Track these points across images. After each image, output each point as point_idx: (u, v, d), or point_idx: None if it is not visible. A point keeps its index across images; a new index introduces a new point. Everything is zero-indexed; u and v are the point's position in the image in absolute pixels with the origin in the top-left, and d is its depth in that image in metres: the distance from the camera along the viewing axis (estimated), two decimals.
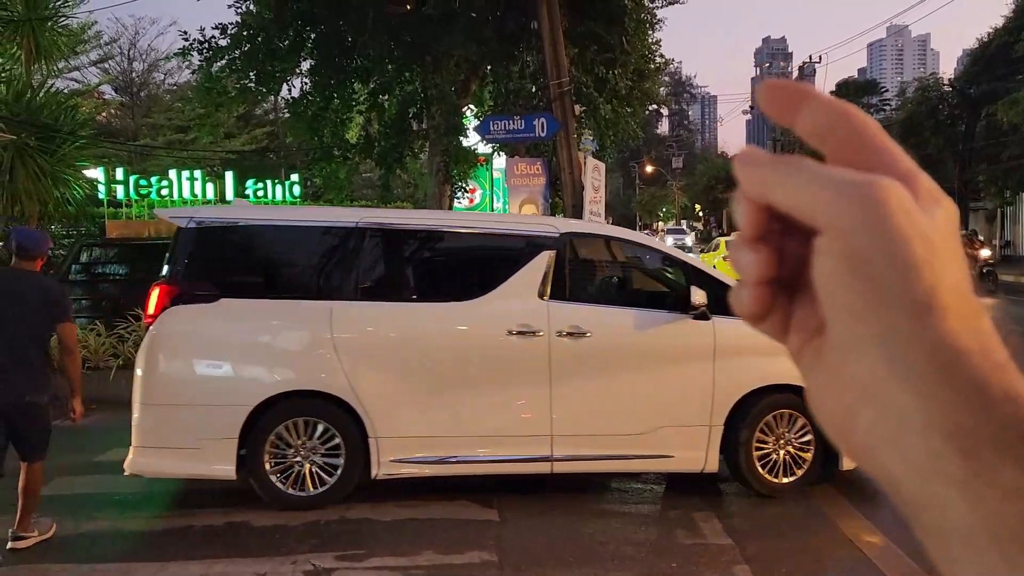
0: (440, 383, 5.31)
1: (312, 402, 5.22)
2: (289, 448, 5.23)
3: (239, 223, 5.53)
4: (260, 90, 12.27)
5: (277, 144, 34.55)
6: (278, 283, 5.65)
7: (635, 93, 12.66)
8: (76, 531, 5.21)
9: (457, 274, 5.81)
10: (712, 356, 5.38)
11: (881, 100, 58.66)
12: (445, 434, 5.29)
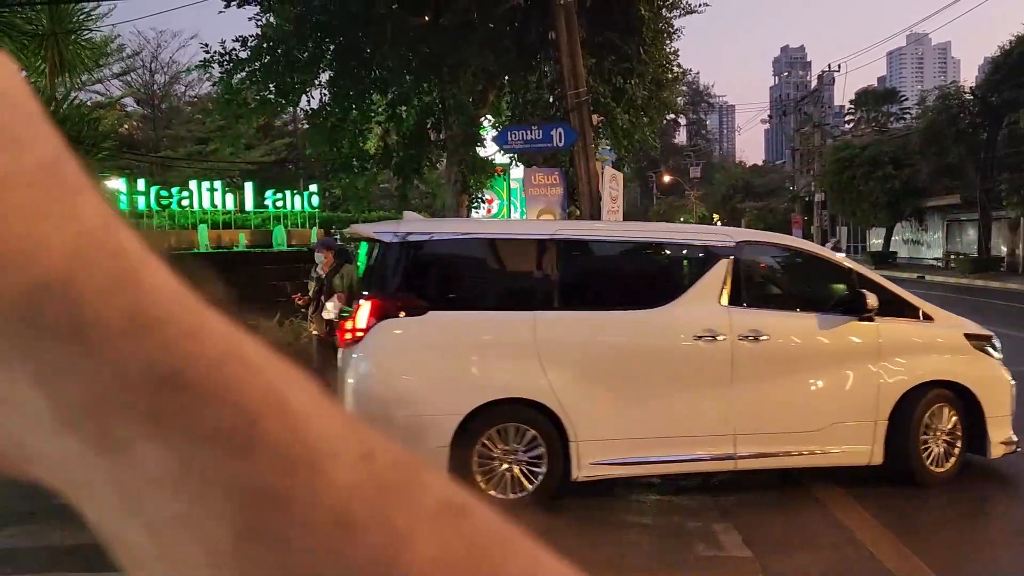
0: (633, 387, 5.57)
1: (516, 408, 5.41)
2: (494, 454, 5.36)
3: (441, 237, 5.77)
4: (280, 102, 12.35)
5: (296, 155, 34.83)
6: (480, 295, 5.83)
7: (652, 103, 12.64)
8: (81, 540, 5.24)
9: (644, 282, 6.09)
10: (877, 355, 5.82)
11: (901, 109, 58.31)
12: (639, 436, 5.53)
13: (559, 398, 5.32)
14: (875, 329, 5.76)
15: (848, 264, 6.27)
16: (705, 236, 6.23)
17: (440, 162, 14.31)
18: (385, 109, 12.62)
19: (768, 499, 5.98)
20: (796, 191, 56.51)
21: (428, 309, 5.33)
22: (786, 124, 73.84)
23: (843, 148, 43.72)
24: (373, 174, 13.83)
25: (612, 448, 5.50)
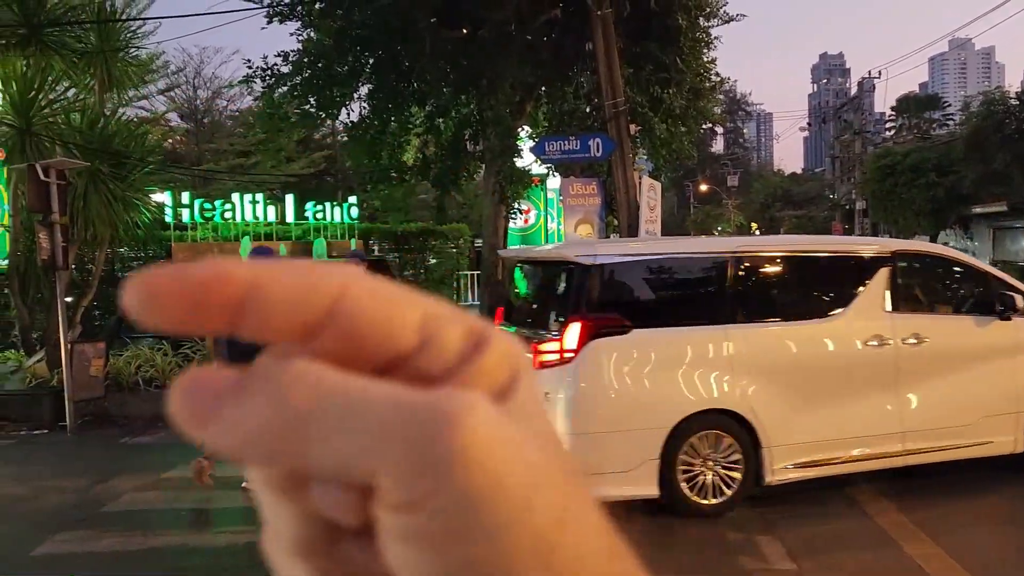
0: (813, 393, 5.89)
1: (713, 418, 5.72)
2: (695, 462, 5.65)
3: (635, 258, 6.09)
4: (320, 115, 12.54)
5: (334, 167, 35.23)
6: (673, 311, 6.08)
7: (690, 112, 12.58)
8: (146, 545, 5.35)
9: (816, 293, 6.49)
10: (1019, 350, 6.35)
11: (944, 115, 57.25)
12: (821, 439, 5.87)
13: (751, 406, 5.70)
14: (1014, 327, 6.26)
15: (989, 269, 6.89)
16: (865, 247, 6.62)
17: (478, 173, 14.39)
18: (423, 121, 12.73)
19: (812, 511, 5.90)
20: (836, 199, 55.69)
21: (631, 328, 5.61)
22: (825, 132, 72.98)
23: (884, 155, 43.00)
24: (411, 185, 13.95)
25: (798, 452, 5.85)
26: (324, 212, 14.20)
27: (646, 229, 10.47)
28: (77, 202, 9.43)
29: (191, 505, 6.20)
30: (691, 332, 5.84)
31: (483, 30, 10.84)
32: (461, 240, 16.00)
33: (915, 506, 5.91)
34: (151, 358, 9.70)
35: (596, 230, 10.70)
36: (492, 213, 12.96)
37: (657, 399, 5.57)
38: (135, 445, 8.30)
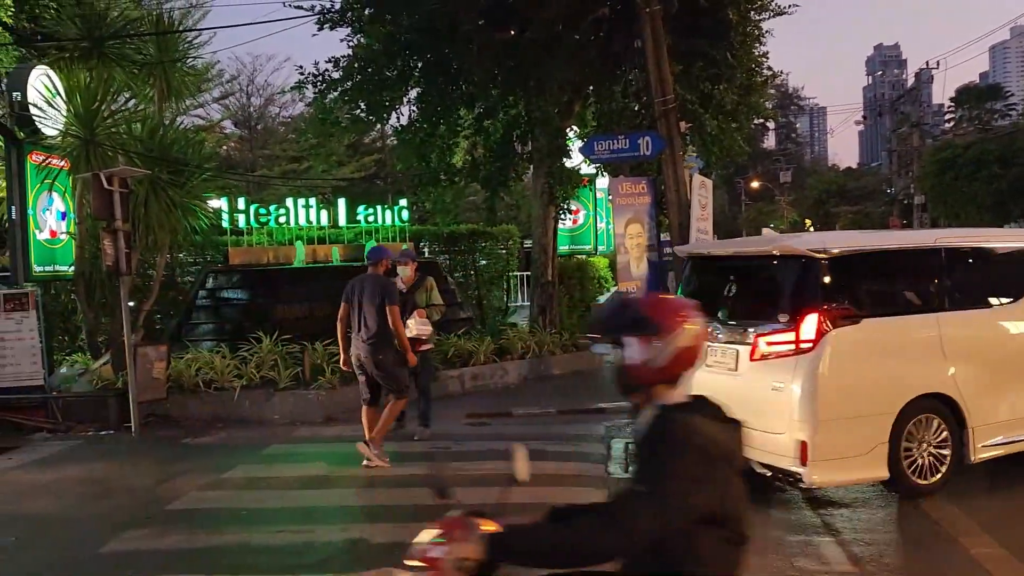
0: (1010, 373, 6.35)
1: (929, 401, 6.02)
2: (912, 444, 5.91)
3: (861, 249, 6.37)
4: (370, 119, 12.67)
5: (384, 171, 35.60)
6: (892, 300, 6.54)
7: (741, 108, 12.37)
8: (208, 544, 5.48)
9: (1006, 280, 6.87)
10: None
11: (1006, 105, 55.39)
12: (1015, 416, 6.29)
13: (959, 389, 6.05)
14: None
15: None
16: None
17: (526, 174, 14.38)
18: (472, 123, 12.77)
19: (872, 515, 5.77)
20: (893, 194, 54.31)
21: (862, 317, 5.92)
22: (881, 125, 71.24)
23: (944, 148, 41.87)
24: (461, 187, 14.00)
25: (996, 430, 6.20)
26: (375, 215, 14.35)
27: (698, 227, 10.34)
28: (139, 209, 9.69)
29: (252, 505, 6.33)
30: (910, 320, 6.21)
31: (530, 31, 10.84)
32: (511, 241, 16.01)
33: (979, 507, 5.74)
34: (210, 361, 9.93)
35: (647, 229, 10.61)
36: (541, 214, 12.94)
37: (886, 385, 5.88)
38: (196, 445, 8.51)
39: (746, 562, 2.18)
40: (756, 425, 5.38)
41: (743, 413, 2.52)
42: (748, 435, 2.45)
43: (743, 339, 6.16)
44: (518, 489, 6.67)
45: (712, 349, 6.33)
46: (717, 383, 5.44)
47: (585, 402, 9.89)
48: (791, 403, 5.70)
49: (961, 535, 5.20)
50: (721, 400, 2.35)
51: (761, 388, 5.90)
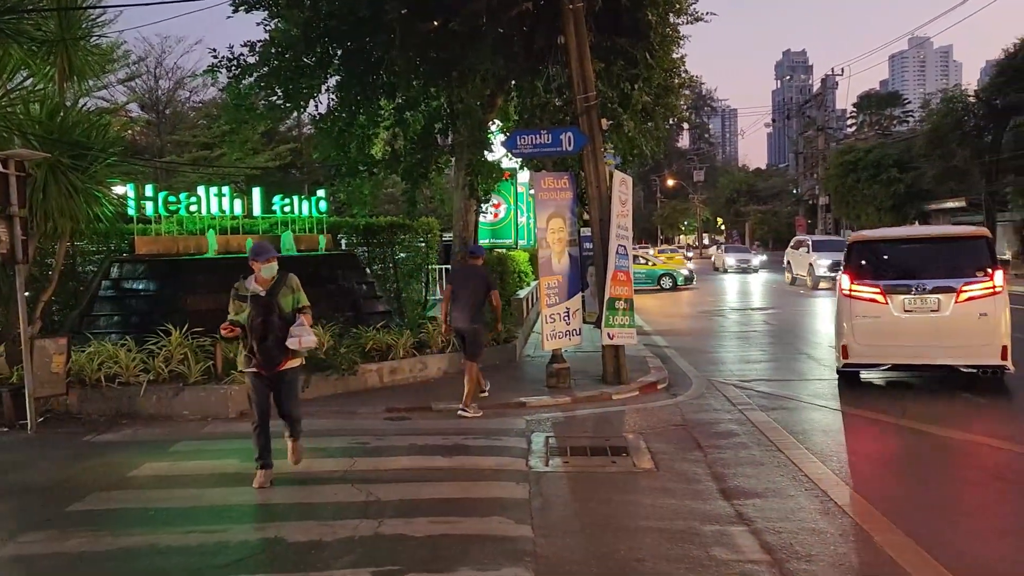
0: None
1: None
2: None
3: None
4: (288, 106, 12.31)
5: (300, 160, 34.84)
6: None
7: (658, 109, 12.59)
8: (113, 546, 5.23)
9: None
10: None
11: (904, 112, 58.26)
12: None
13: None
14: None
15: None
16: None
17: (448, 167, 14.28)
18: (393, 114, 12.59)
19: (783, 503, 5.96)
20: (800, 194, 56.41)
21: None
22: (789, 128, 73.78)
23: (847, 151, 43.73)
24: (379, 179, 13.79)
25: None
26: (292, 206, 14.02)
27: (618, 223, 10.48)
28: (36, 194, 9.18)
29: (160, 504, 6.08)
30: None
31: (454, 22, 10.74)
32: (431, 234, 15.90)
33: (884, 496, 6.00)
34: (114, 354, 9.50)
35: (568, 224, 10.69)
36: (462, 207, 12.88)
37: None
38: (99, 443, 8.13)
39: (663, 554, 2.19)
40: (962, 342, 9.67)
41: (949, 339, 9.39)
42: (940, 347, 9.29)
43: (947, 290, 9.73)
44: (439, 484, 6.62)
45: (910, 300, 9.89)
46: (921, 321, 9.81)
47: (506, 397, 9.90)
48: (997, 324, 9.55)
49: (866, 522, 5.41)
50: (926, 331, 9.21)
51: (968, 318, 9.62)
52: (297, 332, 6.29)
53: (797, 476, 6.57)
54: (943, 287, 9.76)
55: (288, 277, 6.51)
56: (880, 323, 10.03)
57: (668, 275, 31.98)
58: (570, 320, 10.59)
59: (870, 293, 10.16)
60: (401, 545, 5.14)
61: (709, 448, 7.57)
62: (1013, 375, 9.86)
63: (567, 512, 5.85)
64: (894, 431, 8.09)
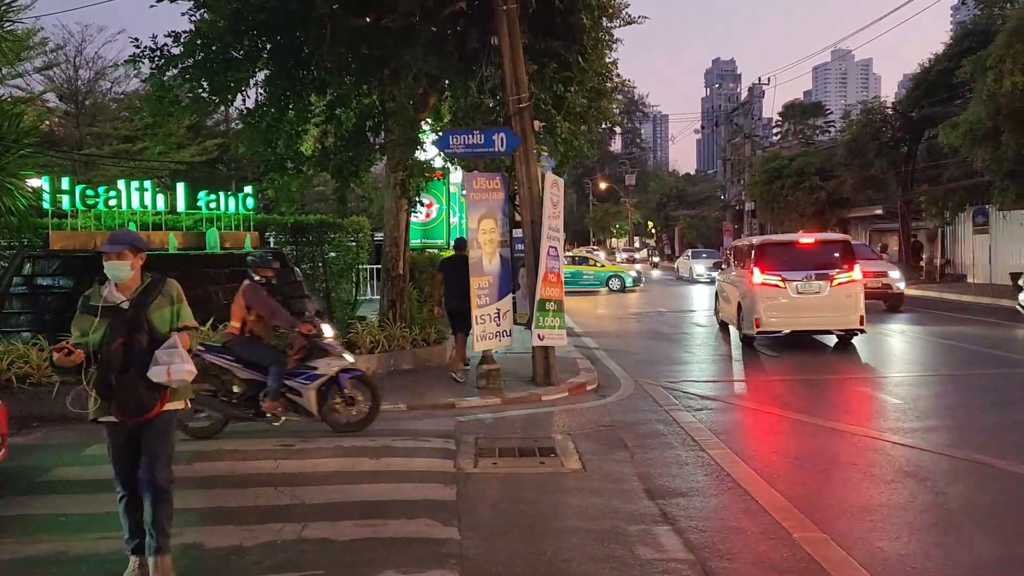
0: None
1: None
2: None
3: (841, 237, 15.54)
4: (214, 100, 11.95)
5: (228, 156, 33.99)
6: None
7: (591, 112, 12.68)
8: (20, 554, 5.00)
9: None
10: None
11: (826, 122, 60.21)
12: None
13: None
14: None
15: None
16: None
17: (378, 165, 14.11)
18: (323, 110, 12.37)
19: (706, 502, 6.07)
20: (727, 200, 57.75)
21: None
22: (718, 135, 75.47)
23: (772, 159, 44.92)
24: (308, 176, 13.53)
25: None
26: (217, 202, 13.65)
27: (549, 225, 10.53)
28: None
29: (71, 510, 5.83)
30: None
31: (387, 19, 10.62)
32: (361, 233, 15.69)
33: (802, 495, 6.17)
34: (25, 354, 9.09)
35: (499, 225, 10.69)
36: (393, 206, 12.73)
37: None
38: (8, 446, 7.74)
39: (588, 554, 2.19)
40: (836, 314, 13.84)
41: (828, 312, 13.84)
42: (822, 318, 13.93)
43: (827, 278, 13.88)
44: (365, 486, 6.53)
45: (802, 285, 13.88)
46: (809, 299, 13.84)
47: (435, 398, 9.84)
48: (858, 301, 13.86)
49: (786, 521, 5.55)
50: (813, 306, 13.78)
51: (840, 297, 13.85)
52: (165, 358, 4.39)
53: (721, 475, 6.71)
54: (823, 275, 13.95)
55: (166, 284, 4.70)
56: (781, 302, 13.96)
57: (616, 276, 32.39)
58: (501, 321, 10.59)
59: (774, 280, 14.03)
60: (325, 549, 5.05)
61: (636, 448, 7.67)
62: (920, 380, 10.31)
63: (494, 513, 5.83)
64: (814, 431, 8.33)
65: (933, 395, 10.31)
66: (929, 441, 7.76)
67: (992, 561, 4.91)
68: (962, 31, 31.08)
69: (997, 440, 7.89)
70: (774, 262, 14.23)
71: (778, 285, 13.92)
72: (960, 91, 25.08)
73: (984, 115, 18.32)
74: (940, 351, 14.34)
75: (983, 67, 18.44)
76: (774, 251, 14.61)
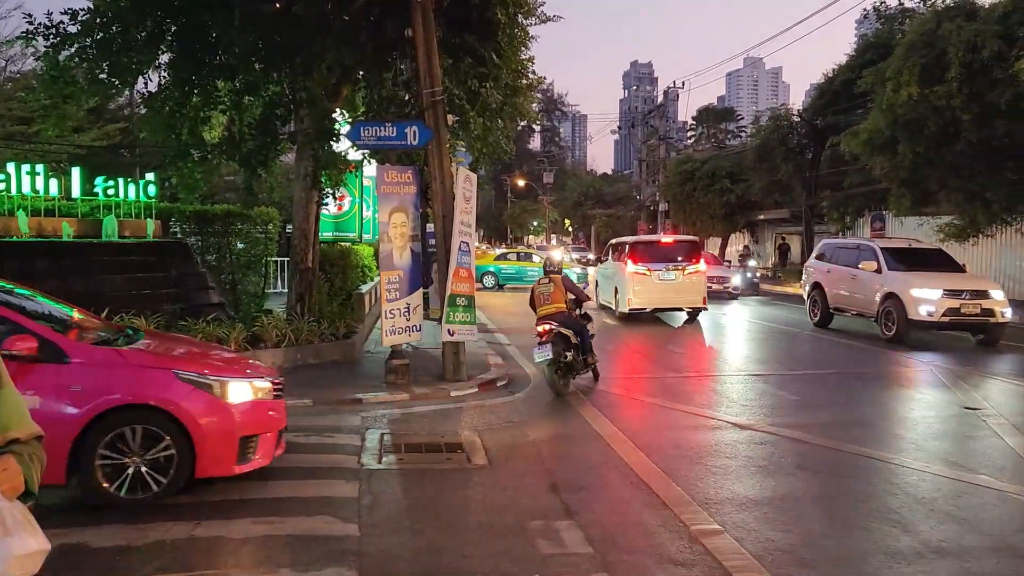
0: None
1: None
2: None
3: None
4: (113, 82, 11.43)
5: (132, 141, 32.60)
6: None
7: (506, 108, 12.70)
8: None
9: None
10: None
11: (738, 127, 62.09)
12: None
13: None
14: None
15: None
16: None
17: (289, 155, 13.78)
18: (231, 97, 11.99)
19: (611, 497, 6.15)
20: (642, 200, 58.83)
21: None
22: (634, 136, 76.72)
23: (685, 161, 45.97)
24: (214, 164, 13.10)
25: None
26: (116, 188, 13.08)
27: (461, 220, 10.49)
28: None
29: None
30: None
31: (299, 6, 10.35)
32: (270, 224, 15.29)
33: (701, 489, 6.32)
34: None
35: (411, 219, 10.59)
36: (303, 197, 12.45)
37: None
38: None
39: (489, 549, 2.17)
40: (687, 295, 18.07)
41: (680, 293, 18.07)
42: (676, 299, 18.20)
43: (680, 269, 17.95)
44: (265, 483, 6.34)
45: (662, 273, 17.91)
46: (668, 284, 17.99)
47: (342, 393, 9.68)
48: (702, 286, 18.30)
49: (684, 514, 5.67)
50: (671, 287, 17.99)
51: (690, 283, 18.04)
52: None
53: (624, 470, 6.81)
54: (678, 267, 18.13)
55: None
56: (647, 287, 18.03)
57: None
58: (410, 316, 10.50)
59: (642, 269, 18.10)
60: (217, 548, 4.89)
61: (542, 444, 7.71)
62: (806, 377, 10.71)
63: (396, 509, 5.77)
64: (715, 426, 8.55)
65: (827, 391, 10.74)
66: (822, 435, 8.07)
67: (874, 550, 5.12)
68: (864, 44, 32.44)
69: (881, 434, 8.27)
70: (642, 256, 18.32)
71: (645, 273, 18.03)
72: (862, 101, 26.19)
73: (883, 125, 19.16)
74: (831, 349, 14.97)
75: (882, 79, 19.27)
76: (642, 247, 18.92)
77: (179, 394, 5.59)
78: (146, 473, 5.50)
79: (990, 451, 7.63)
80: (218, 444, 5.67)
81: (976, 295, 14.57)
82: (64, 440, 5.23)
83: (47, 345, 5.34)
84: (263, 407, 6.05)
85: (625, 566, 4.79)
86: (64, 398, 5.30)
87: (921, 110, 17.41)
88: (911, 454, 7.40)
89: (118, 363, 5.66)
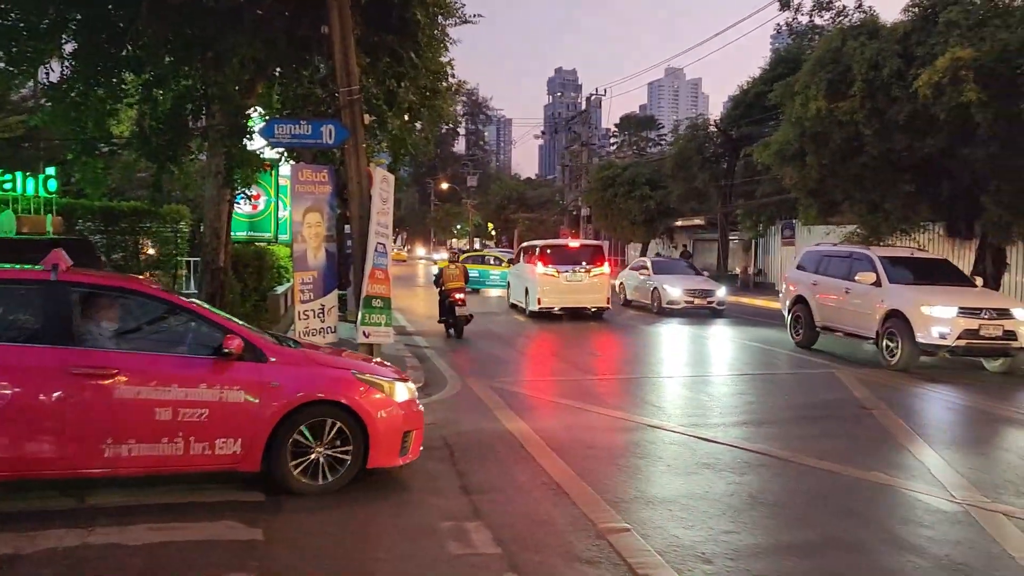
0: None
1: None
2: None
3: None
4: (11, 71, 10.90)
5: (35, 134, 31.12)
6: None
7: (424, 110, 12.64)
8: None
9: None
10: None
11: (658, 135, 63.48)
12: None
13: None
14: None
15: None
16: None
17: (202, 151, 13.40)
18: (139, 90, 11.57)
19: (523, 498, 6.17)
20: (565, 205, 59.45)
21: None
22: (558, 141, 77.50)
23: (607, 167, 46.71)
24: (126, 160, 12.63)
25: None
26: (13, 183, 12.48)
27: (378, 221, 10.39)
28: None
29: None
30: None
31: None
32: (181, 223, 14.82)
33: (611, 489, 6.41)
34: None
35: (326, 219, 10.43)
36: (215, 195, 12.11)
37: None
38: None
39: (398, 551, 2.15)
40: (592, 295, 19.91)
41: (586, 293, 19.80)
42: (582, 299, 19.89)
43: (586, 271, 19.82)
44: (166, 488, 6.14)
45: (569, 275, 19.62)
46: (574, 285, 19.72)
47: None
48: (606, 287, 20.16)
49: (593, 513, 5.75)
50: (577, 288, 19.74)
51: (594, 284, 19.86)
52: None
53: (535, 471, 6.85)
54: (584, 269, 19.80)
55: None
56: (556, 287, 19.57)
57: None
58: (325, 317, 10.34)
59: (552, 271, 19.62)
60: (112, 555, 4.70)
61: (456, 446, 7.70)
62: (726, 379, 10.99)
63: (303, 513, 5.66)
64: (628, 427, 8.70)
65: (735, 393, 11.05)
66: (728, 436, 8.30)
67: (771, 546, 5.30)
68: (777, 58, 33.56)
69: (788, 435, 8.57)
70: (551, 258, 19.85)
71: (554, 275, 19.56)
72: (774, 113, 27.07)
73: (792, 137, 19.81)
74: (744, 352, 15.43)
75: (791, 93, 19.95)
76: (552, 250, 20.43)
77: (359, 392, 6.19)
78: (326, 462, 6.01)
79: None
80: (389, 438, 6.28)
81: (997, 314, 12.26)
82: (263, 432, 5.81)
83: (250, 345, 5.93)
84: (414, 406, 6.70)
85: (533, 565, 4.82)
86: (265, 394, 5.83)
87: (827, 124, 18.10)
88: (814, 454, 7.69)
89: (305, 363, 6.26)
